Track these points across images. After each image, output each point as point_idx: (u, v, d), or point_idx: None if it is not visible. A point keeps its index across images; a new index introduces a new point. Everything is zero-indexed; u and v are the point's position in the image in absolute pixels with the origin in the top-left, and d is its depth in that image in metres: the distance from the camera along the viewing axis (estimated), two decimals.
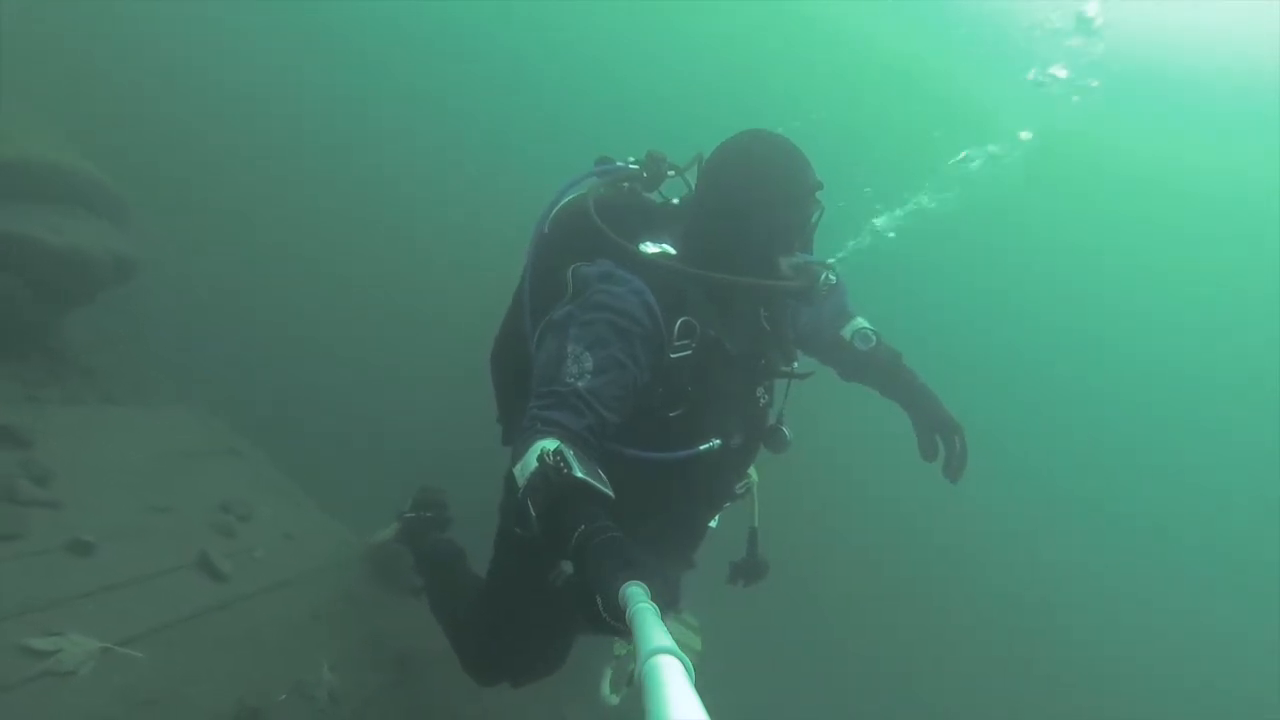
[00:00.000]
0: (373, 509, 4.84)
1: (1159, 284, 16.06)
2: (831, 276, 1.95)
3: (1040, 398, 13.91)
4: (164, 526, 3.58)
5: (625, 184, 2.34)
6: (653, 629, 1.01)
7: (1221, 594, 10.81)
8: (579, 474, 1.46)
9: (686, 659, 0.92)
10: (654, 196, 2.39)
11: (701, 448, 1.95)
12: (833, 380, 2.59)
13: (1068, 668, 8.63)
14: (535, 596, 2.25)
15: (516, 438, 1.67)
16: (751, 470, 2.45)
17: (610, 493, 1.51)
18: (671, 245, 2.07)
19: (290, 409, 5.75)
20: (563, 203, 2.33)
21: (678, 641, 0.94)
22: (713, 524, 2.40)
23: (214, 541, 3.70)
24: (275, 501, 4.45)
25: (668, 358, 1.91)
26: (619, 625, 1.15)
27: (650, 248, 2.01)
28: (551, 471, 1.46)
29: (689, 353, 1.94)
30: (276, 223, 8.19)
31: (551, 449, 1.51)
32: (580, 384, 1.71)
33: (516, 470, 1.55)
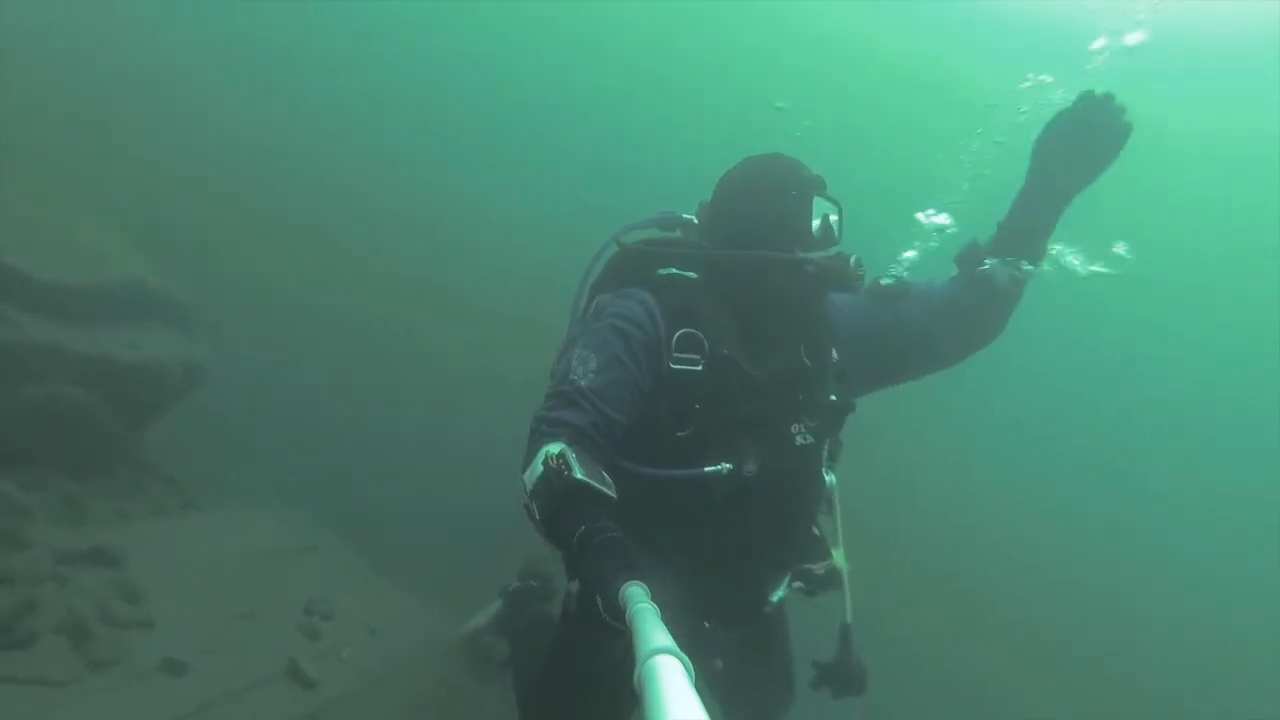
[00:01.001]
0: (456, 584, 4.84)
1: (1219, 267, 15.49)
2: (889, 279, 2.02)
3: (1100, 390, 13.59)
4: (252, 635, 3.59)
5: (678, 231, 2.32)
6: (652, 629, 1.00)
7: None
8: (579, 476, 1.48)
9: (686, 659, 0.91)
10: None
11: (707, 469, 1.87)
12: (879, 409, 2.44)
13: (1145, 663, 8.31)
14: (594, 663, 2.12)
15: (527, 443, 1.69)
16: (840, 555, 2.29)
17: (612, 493, 1.53)
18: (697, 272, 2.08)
19: (362, 492, 5.80)
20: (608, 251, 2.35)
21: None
22: (774, 597, 2.20)
23: (301, 645, 3.70)
24: (357, 593, 4.45)
25: (667, 367, 1.90)
26: (619, 625, 1.13)
27: (672, 270, 2.05)
28: (553, 475, 1.48)
29: (697, 369, 1.91)
30: (329, 297, 8.40)
31: (555, 452, 1.53)
32: (583, 382, 1.75)
33: (525, 476, 1.57)
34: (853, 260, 1.94)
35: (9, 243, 3.97)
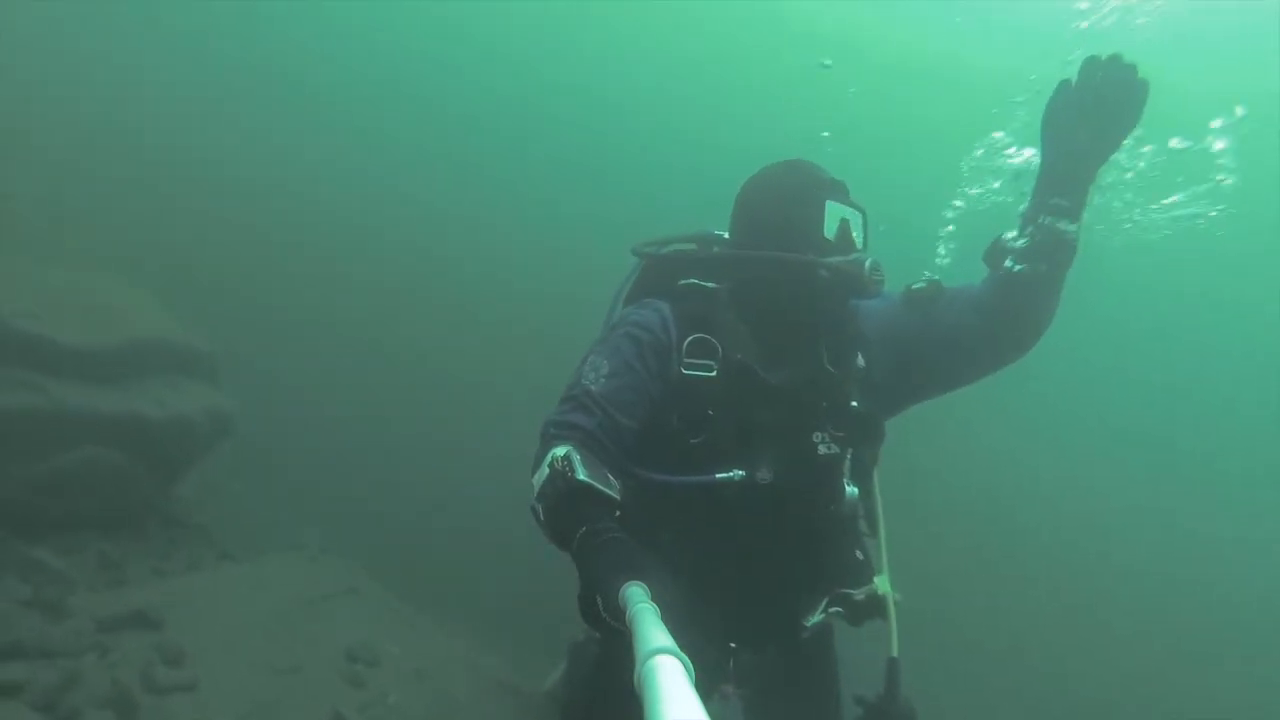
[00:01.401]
0: (500, 618, 4.78)
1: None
2: (920, 282, 1.96)
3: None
4: (295, 689, 3.54)
5: (715, 248, 2.21)
6: (652, 629, 0.98)
7: None
8: (582, 477, 1.49)
9: (686, 659, 0.90)
10: None
11: (718, 476, 1.81)
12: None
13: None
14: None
15: (538, 446, 1.70)
16: (884, 582, 2.16)
17: (616, 495, 1.54)
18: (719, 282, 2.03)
19: (395, 528, 5.74)
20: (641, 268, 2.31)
21: None
22: (809, 621, 2.04)
23: (345, 695, 3.66)
24: (400, 636, 4.40)
25: (677, 371, 1.87)
26: (619, 626, 1.13)
27: (692, 279, 2.01)
28: (558, 476, 1.51)
29: (710, 374, 1.87)
30: (341, 328, 8.36)
31: (561, 454, 1.55)
32: (594, 387, 1.77)
33: (534, 479, 1.59)
34: (868, 264, 1.84)
35: (29, 308, 3.97)
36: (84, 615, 3.39)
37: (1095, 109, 1.91)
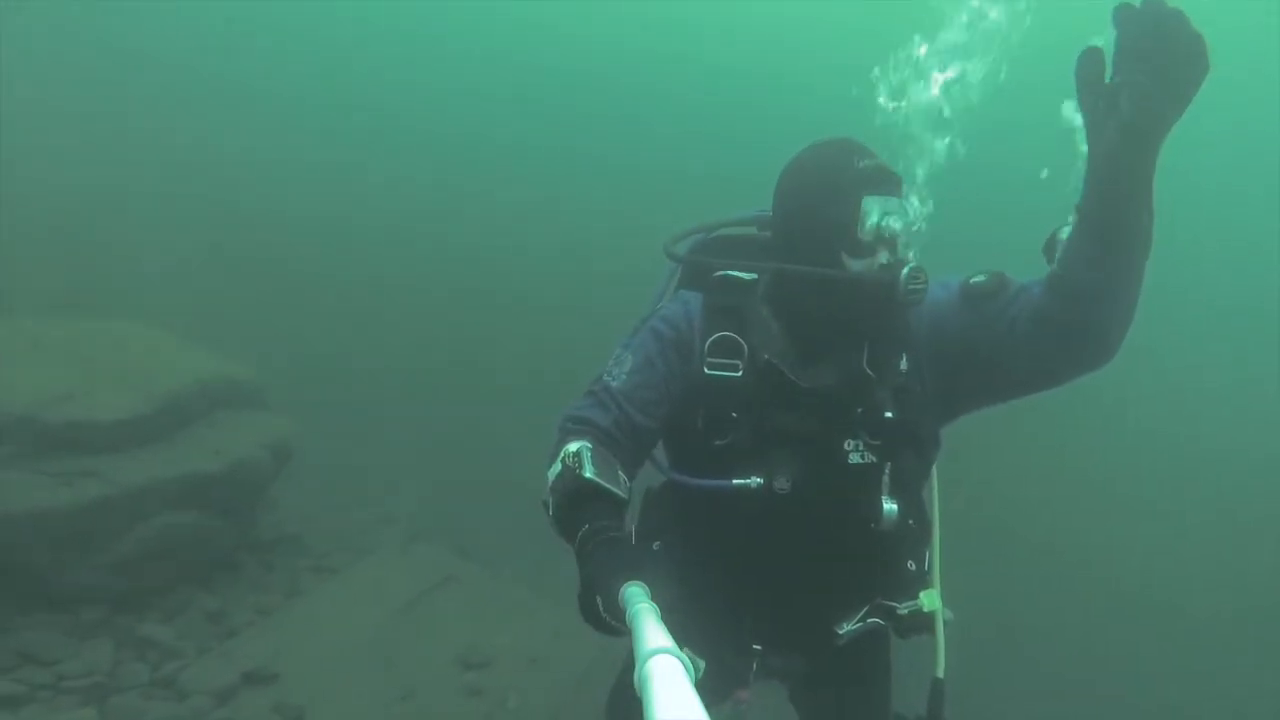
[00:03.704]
0: None
1: None
2: (980, 276, 1.74)
3: None
4: (417, 717, 3.64)
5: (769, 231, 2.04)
6: (652, 629, 1.00)
7: None
8: (588, 474, 1.50)
9: (686, 659, 0.91)
10: None
11: (735, 481, 1.75)
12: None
13: None
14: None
15: (555, 439, 1.70)
16: (931, 596, 1.95)
17: (624, 494, 1.54)
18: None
19: (475, 503, 5.76)
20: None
21: None
22: (841, 630, 1.95)
23: (465, 709, 3.74)
24: (507, 621, 4.45)
25: (699, 370, 1.82)
26: (619, 626, 1.16)
27: (729, 271, 1.90)
28: (567, 472, 1.52)
29: (736, 374, 1.80)
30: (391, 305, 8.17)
31: (573, 450, 1.56)
32: (614, 383, 1.76)
33: (548, 473, 1.59)
34: (904, 273, 1.62)
35: (62, 386, 3.85)
36: (201, 691, 3.46)
37: (1146, 73, 1.39)
